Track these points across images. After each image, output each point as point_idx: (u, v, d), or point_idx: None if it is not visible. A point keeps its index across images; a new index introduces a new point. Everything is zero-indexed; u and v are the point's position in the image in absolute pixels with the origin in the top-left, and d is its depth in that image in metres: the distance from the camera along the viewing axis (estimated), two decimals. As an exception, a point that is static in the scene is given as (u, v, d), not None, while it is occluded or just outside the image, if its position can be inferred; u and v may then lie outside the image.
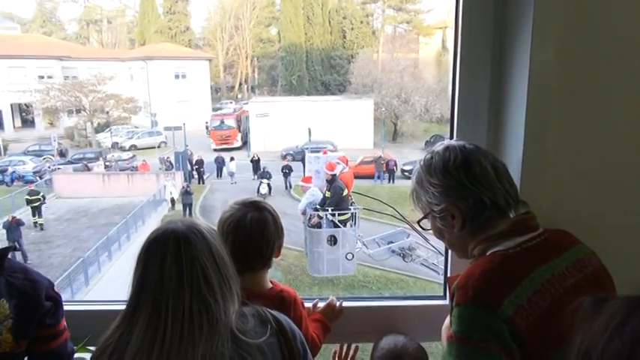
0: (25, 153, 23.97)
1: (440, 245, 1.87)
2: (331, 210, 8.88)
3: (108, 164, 22.93)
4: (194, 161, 22.09)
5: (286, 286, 1.57)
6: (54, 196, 19.20)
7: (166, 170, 21.82)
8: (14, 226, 13.76)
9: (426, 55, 35.04)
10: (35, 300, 1.34)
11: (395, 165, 21.59)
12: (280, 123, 25.50)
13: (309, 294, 11.42)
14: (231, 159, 22.47)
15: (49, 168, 22.14)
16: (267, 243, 1.45)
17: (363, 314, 1.85)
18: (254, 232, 1.43)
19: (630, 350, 0.62)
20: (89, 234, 15.72)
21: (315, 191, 9.61)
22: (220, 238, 1.17)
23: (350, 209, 9.19)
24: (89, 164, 22.49)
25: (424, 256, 10.41)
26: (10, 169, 21.28)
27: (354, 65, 33.01)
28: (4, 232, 13.86)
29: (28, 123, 29.06)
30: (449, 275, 1.73)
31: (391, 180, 21.39)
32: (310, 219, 9.28)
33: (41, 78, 27.20)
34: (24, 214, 16.30)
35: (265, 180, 19.14)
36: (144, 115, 30.10)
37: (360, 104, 27.91)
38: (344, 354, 1.72)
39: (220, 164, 22.58)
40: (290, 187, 20.14)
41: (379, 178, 21.38)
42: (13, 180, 20.31)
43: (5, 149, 24.89)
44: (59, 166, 22.50)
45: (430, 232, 1.35)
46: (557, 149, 1.46)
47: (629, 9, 1.41)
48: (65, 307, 1.45)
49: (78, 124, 27.78)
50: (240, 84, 42.20)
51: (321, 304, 1.79)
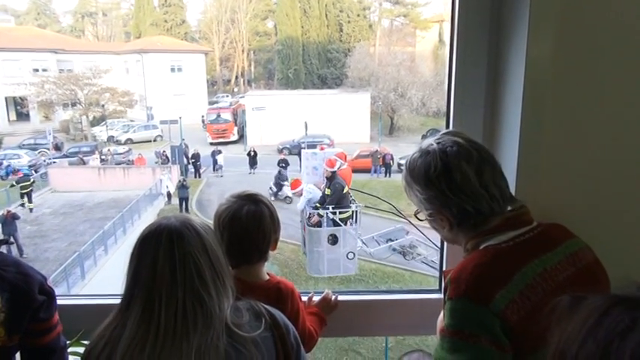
0: (20, 147, 23.82)
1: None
2: (332, 208, 8.62)
3: (104, 158, 22.87)
4: (190, 155, 22.07)
5: (283, 279, 1.57)
6: (49, 190, 19.12)
7: (162, 164, 21.76)
8: (10, 220, 13.66)
9: (423, 49, 34.96)
10: (27, 294, 1.33)
11: (391, 159, 21.62)
12: (277, 117, 25.49)
13: (305, 288, 11.38)
14: (219, 152, 22.46)
15: (44, 162, 22.03)
16: (263, 236, 1.45)
17: (359, 308, 1.85)
18: (250, 225, 1.43)
19: (604, 351, 0.61)
20: (85, 228, 15.68)
21: (312, 188, 9.31)
22: (214, 234, 1.18)
23: (351, 207, 8.95)
24: (85, 158, 22.42)
25: (425, 254, 10.18)
26: (5, 162, 21.16)
27: (350, 59, 32.88)
28: (-1, 226, 13.80)
29: (22, 116, 28.88)
30: (444, 269, 1.74)
31: (388, 174, 21.41)
32: (310, 218, 8.96)
33: (36, 71, 27.05)
34: (20, 208, 16.24)
35: (286, 182, 17.77)
36: (140, 109, 29.97)
37: (357, 98, 27.92)
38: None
39: (216, 158, 22.56)
40: (287, 180, 20.12)
41: (375, 172, 21.40)
42: (8, 174, 20.17)
43: (0, 143, 24.74)
44: (55, 160, 22.42)
45: (428, 228, 1.35)
46: (553, 142, 1.46)
47: (626, 2, 1.41)
48: (59, 302, 1.45)
49: (73, 117, 27.71)
50: (237, 77, 42.04)
51: (317, 297, 1.79)
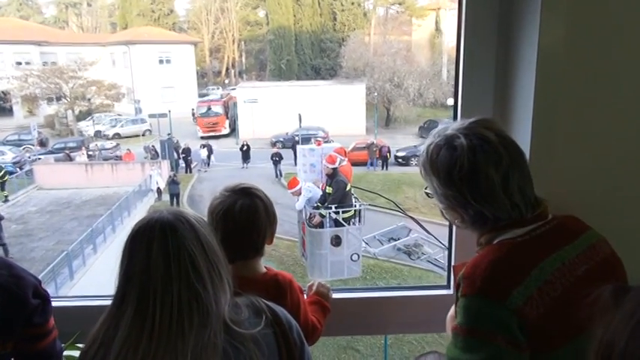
0: (4, 143, 23.66)
1: (445, 239, 1.85)
2: (334, 207, 8.29)
3: (91, 154, 22.74)
4: (181, 150, 21.97)
5: (281, 271, 1.57)
6: (35, 188, 19.00)
7: (152, 159, 21.67)
8: (-6, 220, 13.56)
9: (419, 38, 34.94)
10: (21, 298, 1.30)
11: (388, 151, 21.63)
12: (269, 109, 25.42)
13: (302, 284, 11.42)
14: (202, 146, 22.41)
15: (29, 158, 21.89)
16: (257, 231, 1.45)
17: (362, 306, 1.84)
18: (244, 220, 1.42)
19: None
20: (73, 226, 15.59)
21: (312, 187, 8.98)
22: (209, 226, 1.16)
23: (355, 205, 8.64)
24: (71, 154, 22.26)
25: (431, 252, 9.81)
26: (-12, 159, 21.01)
27: (345, 48, 32.79)
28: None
29: (5, 111, 28.56)
30: (453, 264, 1.72)
31: (384, 167, 21.43)
32: (311, 218, 8.61)
33: (19, 64, 26.89)
34: (4, 207, 16.12)
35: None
36: (127, 102, 29.89)
37: (352, 89, 27.89)
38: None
39: (208, 152, 22.50)
40: (280, 175, 20.09)
41: (372, 164, 21.40)
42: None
43: (-18, 139, 24.55)
44: (40, 156, 22.27)
45: (430, 224, 1.32)
46: (567, 134, 1.44)
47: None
48: (53, 304, 1.42)
49: (58, 112, 27.54)
50: (227, 69, 41.81)
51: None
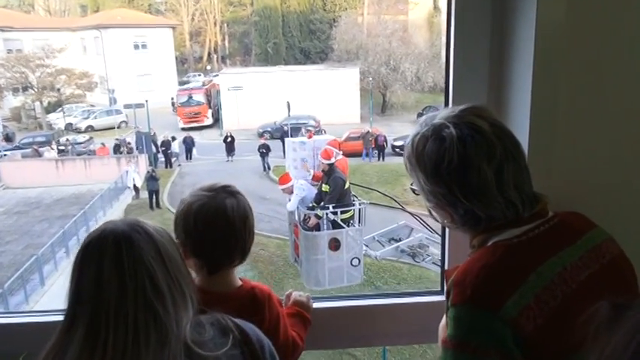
0: (-34, 138, 23.58)
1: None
2: (332, 207, 8.01)
3: (61, 148, 22.74)
4: (160, 142, 21.86)
5: (258, 283, 1.52)
6: (1, 187, 18.90)
7: (128, 153, 21.57)
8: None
9: (417, 17, 34.93)
10: None
11: (385, 140, 21.62)
12: (255, 97, 25.42)
13: (293, 286, 11.43)
14: (173, 138, 22.28)
15: (-7, 155, 21.84)
16: (249, 233, 1.42)
17: (350, 316, 1.82)
18: (237, 220, 1.39)
19: None
20: (43, 228, 15.63)
21: (305, 184, 8.70)
22: (170, 237, 1.13)
23: (354, 204, 8.37)
24: (40, 149, 22.27)
25: (437, 253, 9.40)
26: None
27: (336, 30, 32.88)
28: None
29: (-33, 104, 28.45)
30: (446, 268, 1.69)
31: (381, 157, 21.41)
32: (306, 221, 8.31)
33: (-21, 52, 26.65)
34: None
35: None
36: (100, 92, 29.84)
37: (344, 73, 27.97)
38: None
39: (189, 145, 22.44)
40: (268, 168, 20.09)
41: (367, 155, 21.38)
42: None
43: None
44: (5, 153, 22.32)
45: (433, 220, 1.29)
46: (567, 121, 1.42)
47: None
48: (-1, 322, 1.38)
49: (25, 103, 27.49)
50: (209, 54, 41.70)
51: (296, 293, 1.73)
